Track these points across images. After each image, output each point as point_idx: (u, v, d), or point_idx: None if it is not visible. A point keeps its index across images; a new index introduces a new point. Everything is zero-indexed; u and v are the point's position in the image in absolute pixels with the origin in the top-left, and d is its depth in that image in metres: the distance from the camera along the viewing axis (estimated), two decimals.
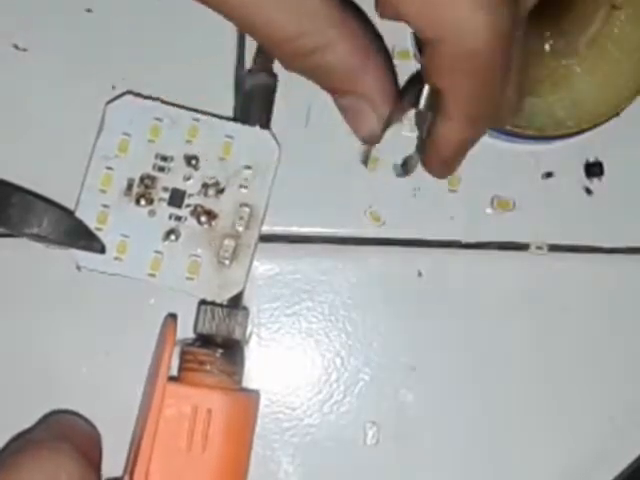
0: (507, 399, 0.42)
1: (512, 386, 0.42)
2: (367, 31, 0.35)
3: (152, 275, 0.39)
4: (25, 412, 0.40)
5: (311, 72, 0.35)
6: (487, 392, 0.42)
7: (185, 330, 0.39)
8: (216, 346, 0.38)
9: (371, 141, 0.38)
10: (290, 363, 0.42)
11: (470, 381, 0.42)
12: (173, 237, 0.39)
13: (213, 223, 0.39)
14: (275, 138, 0.40)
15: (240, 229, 0.39)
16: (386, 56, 0.36)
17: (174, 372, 0.39)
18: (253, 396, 0.40)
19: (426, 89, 0.35)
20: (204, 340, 0.39)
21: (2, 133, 0.41)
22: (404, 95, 0.36)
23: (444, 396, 0.41)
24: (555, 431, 0.42)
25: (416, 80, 0.36)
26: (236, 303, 0.40)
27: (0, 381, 0.40)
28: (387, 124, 0.36)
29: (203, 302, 0.39)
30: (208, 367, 0.38)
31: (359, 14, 0.36)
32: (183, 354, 0.39)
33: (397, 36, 0.42)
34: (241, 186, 0.39)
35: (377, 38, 0.40)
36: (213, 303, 0.39)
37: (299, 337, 0.42)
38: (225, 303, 0.39)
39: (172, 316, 0.40)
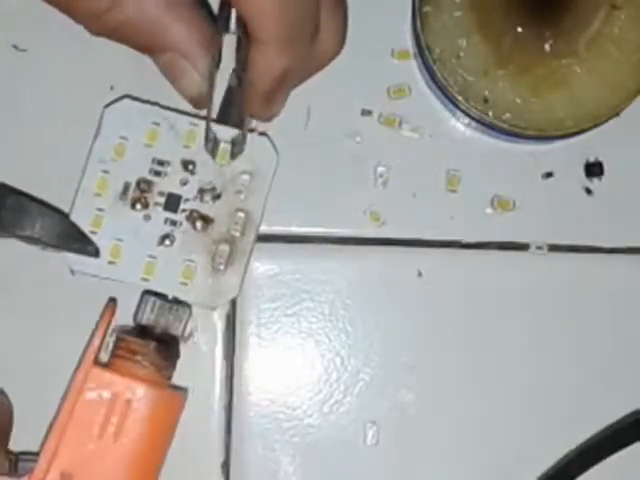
0: (507, 399, 0.42)
1: (512, 386, 0.42)
2: None
3: (146, 280, 0.39)
4: (23, 408, 0.40)
5: (115, 31, 0.34)
6: (487, 392, 0.42)
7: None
8: (151, 338, 0.38)
9: (199, 102, 0.36)
10: (290, 363, 0.42)
11: (470, 381, 0.42)
12: (168, 242, 0.39)
13: (209, 228, 0.39)
14: (273, 144, 0.39)
15: (236, 235, 0.39)
16: (195, 3, 0.35)
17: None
18: (178, 395, 0.39)
19: (234, 12, 0.34)
20: (142, 330, 0.39)
21: None
22: (217, 24, 0.35)
23: (444, 396, 0.41)
24: (556, 431, 0.42)
25: (226, 4, 0.35)
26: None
27: None
28: (211, 77, 0.35)
29: (147, 292, 0.39)
30: (138, 357, 0.38)
31: None
32: (117, 340, 0.39)
33: (397, 36, 0.42)
34: (238, 192, 0.39)
35: None
36: (157, 294, 0.39)
37: (299, 337, 0.42)
38: (171, 297, 0.39)
39: (112, 300, 0.40)
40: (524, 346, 0.42)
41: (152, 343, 0.38)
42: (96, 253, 0.38)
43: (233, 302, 0.41)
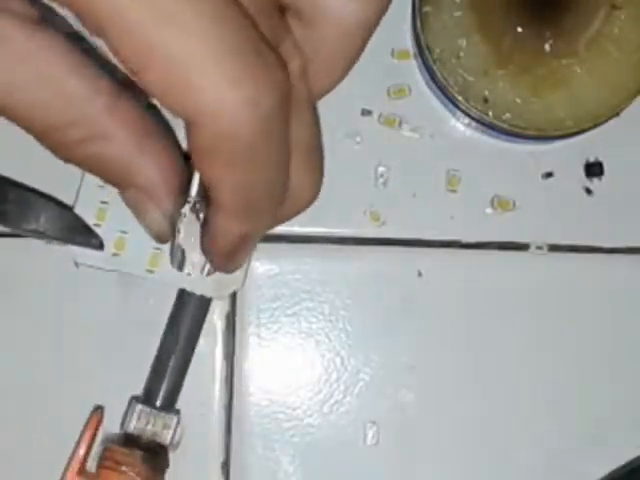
0: (507, 399, 0.42)
1: (512, 386, 0.42)
2: (145, 116, 0.31)
3: (151, 271, 0.39)
4: (23, 408, 0.40)
5: (83, 164, 0.31)
6: (487, 392, 0.42)
7: None
8: (138, 447, 0.37)
9: (161, 239, 0.35)
10: (290, 363, 0.42)
11: (470, 381, 0.42)
12: None
13: None
14: None
15: None
16: (169, 140, 0.32)
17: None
18: None
19: (196, 176, 0.33)
20: (128, 439, 0.38)
21: (0, 128, 0.41)
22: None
23: (444, 396, 0.41)
24: (556, 431, 0.42)
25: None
26: (170, 403, 0.39)
27: None
28: (173, 219, 0.34)
29: (135, 398, 0.39)
30: (124, 468, 0.37)
31: (135, 94, 0.30)
32: (104, 450, 0.38)
33: (397, 36, 0.42)
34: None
35: (157, 119, 0.33)
36: (145, 401, 0.38)
37: (299, 337, 0.42)
38: (159, 402, 0.38)
39: (99, 408, 0.39)
40: (524, 346, 0.42)
41: (139, 453, 0.37)
42: (100, 245, 0.38)
43: (233, 302, 0.41)
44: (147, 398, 0.39)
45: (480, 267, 0.42)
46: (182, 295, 0.39)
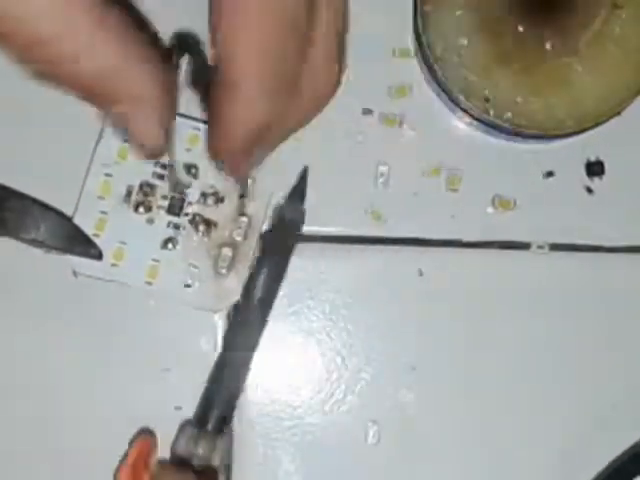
0: (507, 398, 0.42)
1: (512, 385, 0.42)
2: (130, 24, 0.30)
3: (149, 283, 0.39)
4: (19, 416, 0.40)
5: (73, 81, 0.30)
6: (487, 391, 0.42)
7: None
8: (191, 470, 0.37)
9: (156, 153, 0.33)
10: (291, 362, 0.42)
11: (470, 380, 0.42)
12: (171, 245, 0.39)
13: (211, 232, 0.39)
14: None
15: (238, 239, 0.39)
16: (154, 47, 0.31)
17: None
18: None
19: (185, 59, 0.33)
20: (179, 461, 0.38)
21: (1, 137, 0.41)
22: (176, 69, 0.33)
23: (445, 395, 0.41)
24: (556, 430, 0.42)
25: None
26: (222, 426, 0.39)
27: None
28: (168, 127, 0.32)
29: (188, 422, 0.39)
30: None
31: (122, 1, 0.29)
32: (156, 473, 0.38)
33: (398, 35, 0.42)
34: (240, 196, 0.39)
35: (142, 26, 0.32)
36: (198, 424, 0.38)
37: (300, 336, 0.42)
38: (211, 425, 0.38)
39: (149, 433, 0.39)
40: (524, 345, 0.42)
41: (190, 475, 0.37)
42: (99, 256, 0.39)
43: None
44: (198, 421, 0.39)
45: (481, 266, 0.42)
46: (239, 313, 0.39)
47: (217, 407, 0.39)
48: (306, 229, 0.42)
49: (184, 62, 0.33)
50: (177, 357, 0.41)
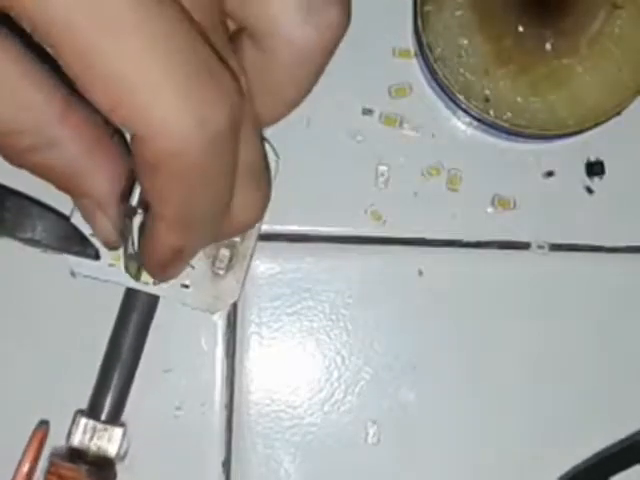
0: (508, 398, 0.42)
1: (512, 385, 0.42)
2: (96, 123, 0.30)
3: (146, 283, 0.39)
4: (18, 411, 0.40)
5: (34, 170, 0.31)
6: (488, 391, 0.42)
7: None
8: (84, 461, 0.37)
9: (109, 246, 0.35)
10: (291, 362, 0.42)
11: (471, 380, 0.42)
12: None
13: None
14: (274, 148, 0.39)
15: (236, 240, 0.39)
16: (119, 146, 0.31)
17: None
18: None
19: (137, 187, 0.33)
20: (74, 453, 0.38)
21: None
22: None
23: (445, 395, 0.41)
24: (557, 430, 0.42)
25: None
26: (115, 417, 0.39)
27: None
28: (120, 226, 0.34)
29: (80, 411, 0.39)
30: None
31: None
32: (49, 465, 0.38)
33: (398, 35, 0.42)
34: None
35: (105, 124, 0.31)
36: (90, 414, 0.38)
37: (300, 336, 0.42)
38: (104, 415, 0.38)
39: (44, 423, 0.39)
40: (524, 345, 0.42)
41: (84, 467, 0.37)
42: (96, 256, 0.38)
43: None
44: (92, 411, 0.39)
45: (481, 266, 0.42)
46: (127, 300, 0.39)
47: (110, 397, 0.38)
48: (306, 229, 0.42)
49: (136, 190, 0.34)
50: (177, 357, 0.41)
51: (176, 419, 0.41)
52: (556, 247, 0.42)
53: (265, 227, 0.40)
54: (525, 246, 0.42)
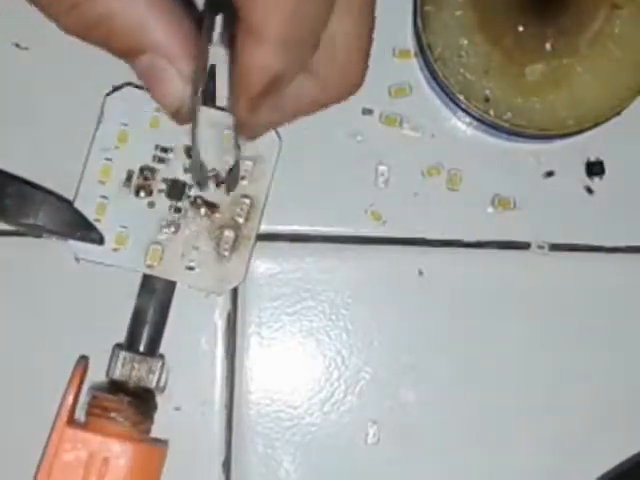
0: (507, 398, 0.42)
1: (512, 385, 0.42)
2: None
3: (151, 267, 0.39)
4: (18, 403, 0.40)
5: (92, 28, 0.30)
6: (487, 391, 0.42)
7: None
8: (125, 393, 0.38)
9: (180, 115, 0.33)
10: (291, 362, 0.42)
11: (471, 380, 0.42)
12: (173, 229, 0.39)
13: (213, 215, 0.39)
14: (276, 130, 0.39)
15: (240, 220, 0.39)
16: (181, 2, 0.31)
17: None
18: (157, 448, 0.39)
19: (219, 18, 0.32)
20: (115, 386, 0.38)
21: (1, 122, 0.41)
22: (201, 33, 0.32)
23: (445, 395, 0.41)
24: (556, 430, 0.42)
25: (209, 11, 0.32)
26: (152, 349, 0.39)
27: None
28: (195, 84, 0.32)
29: (118, 345, 0.39)
30: (112, 414, 0.37)
31: None
32: (91, 399, 0.38)
33: (398, 35, 0.42)
34: (241, 177, 0.39)
35: None
36: (129, 348, 0.39)
37: (300, 336, 0.42)
38: (142, 347, 0.39)
39: (83, 358, 0.40)
40: (524, 345, 0.42)
41: (125, 398, 0.37)
42: (100, 240, 0.38)
43: (234, 301, 0.41)
44: (130, 344, 0.39)
45: (481, 266, 0.42)
46: None
47: (147, 329, 0.39)
48: (306, 228, 0.42)
49: (218, 23, 0.33)
50: (177, 357, 0.41)
51: (176, 419, 0.41)
52: (556, 247, 0.42)
53: (265, 227, 0.40)
54: (525, 246, 0.42)
